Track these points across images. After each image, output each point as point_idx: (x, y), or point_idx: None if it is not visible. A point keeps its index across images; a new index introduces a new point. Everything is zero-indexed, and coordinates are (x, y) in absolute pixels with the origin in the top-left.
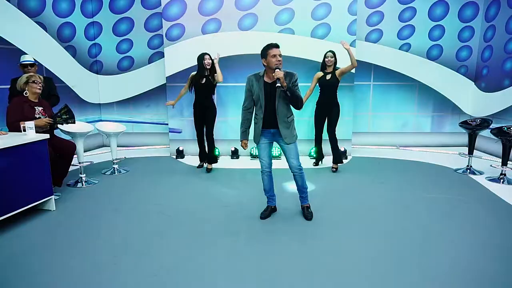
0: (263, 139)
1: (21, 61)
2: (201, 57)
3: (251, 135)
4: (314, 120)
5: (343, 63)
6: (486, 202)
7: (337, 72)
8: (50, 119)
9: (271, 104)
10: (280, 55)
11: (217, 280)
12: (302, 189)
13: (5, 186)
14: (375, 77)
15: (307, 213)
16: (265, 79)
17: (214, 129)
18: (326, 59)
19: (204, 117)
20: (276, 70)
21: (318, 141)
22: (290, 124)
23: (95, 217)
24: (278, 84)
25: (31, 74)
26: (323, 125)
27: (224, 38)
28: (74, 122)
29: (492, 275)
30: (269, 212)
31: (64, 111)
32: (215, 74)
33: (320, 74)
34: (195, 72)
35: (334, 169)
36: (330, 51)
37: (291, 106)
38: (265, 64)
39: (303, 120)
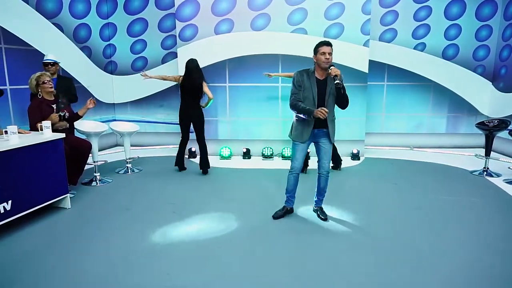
0: (308, 139)
1: (44, 59)
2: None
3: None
4: None
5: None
6: (503, 205)
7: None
8: (56, 114)
9: (322, 102)
10: (330, 54)
11: (229, 280)
12: (322, 192)
13: (22, 184)
14: (388, 77)
15: (322, 214)
16: (316, 75)
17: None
18: None
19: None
20: (331, 67)
21: None
22: (334, 123)
23: (109, 216)
24: (338, 81)
25: (38, 75)
26: None
27: (237, 38)
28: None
29: (507, 280)
30: (283, 212)
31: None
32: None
33: None
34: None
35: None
36: None
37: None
38: (315, 61)
39: None
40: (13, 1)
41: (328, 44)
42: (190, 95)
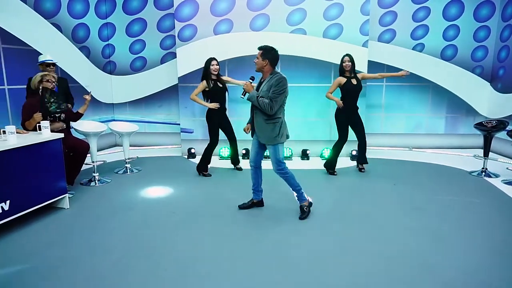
0: (255, 135)
1: (42, 60)
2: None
3: None
4: (341, 128)
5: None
6: (501, 205)
7: (360, 75)
8: (39, 114)
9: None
10: (257, 58)
11: (223, 279)
12: (292, 188)
13: (21, 184)
14: (388, 78)
15: (301, 212)
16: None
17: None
18: (343, 64)
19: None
20: (250, 79)
21: (339, 149)
22: (268, 126)
23: (107, 216)
24: (241, 95)
25: (45, 73)
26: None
27: (236, 39)
28: (66, 108)
29: (505, 281)
30: (249, 205)
31: (52, 98)
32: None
33: (343, 79)
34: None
35: (363, 170)
36: (347, 54)
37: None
38: None
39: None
40: (11, 1)
41: (259, 48)
42: None
